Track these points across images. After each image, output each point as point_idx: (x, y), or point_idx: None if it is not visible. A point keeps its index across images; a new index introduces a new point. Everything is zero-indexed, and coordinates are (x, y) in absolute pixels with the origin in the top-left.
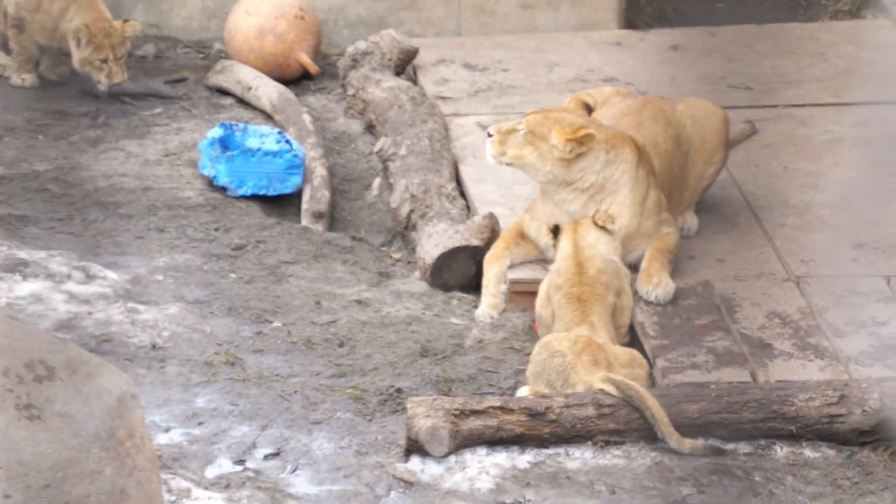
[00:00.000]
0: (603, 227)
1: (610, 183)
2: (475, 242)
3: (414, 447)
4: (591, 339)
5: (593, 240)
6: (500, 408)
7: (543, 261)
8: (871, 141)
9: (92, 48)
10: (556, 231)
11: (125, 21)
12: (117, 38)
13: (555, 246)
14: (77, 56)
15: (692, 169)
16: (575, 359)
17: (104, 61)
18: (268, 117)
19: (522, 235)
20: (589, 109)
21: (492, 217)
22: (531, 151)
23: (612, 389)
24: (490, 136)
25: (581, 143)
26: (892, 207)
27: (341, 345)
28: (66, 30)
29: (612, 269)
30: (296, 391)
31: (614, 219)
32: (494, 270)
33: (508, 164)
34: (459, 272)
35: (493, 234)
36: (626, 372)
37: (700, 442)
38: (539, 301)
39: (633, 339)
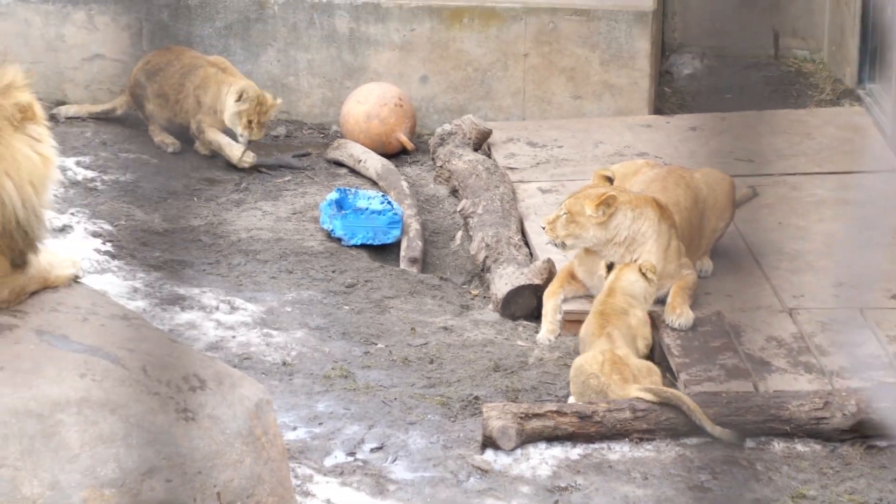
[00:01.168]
0: (644, 275)
1: (639, 235)
2: (536, 281)
3: (488, 442)
4: (614, 353)
5: (633, 279)
6: (556, 412)
7: (589, 296)
8: (848, 202)
9: (246, 106)
10: (610, 267)
11: (275, 97)
12: (265, 106)
13: (607, 277)
14: (230, 110)
15: (707, 223)
16: (607, 379)
17: (251, 121)
18: (374, 184)
19: (573, 276)
20: (609, 181)
21: (549, 262)
22: (575, 227)
23: (649, 396)
24: (543, 228)
25: (609, 205)
26: (864, 254)
27: (431, 362)
28: (223, 93)
29: (635, 303)
30: (395, 398)
31: (656, 270)
32: (551, 304)
33: (564, 244)
34: (524, 305)
35: (550, 274)
36: (646, 380)
37: (728, 430)
38: (583, 327)
39: (661, 357)
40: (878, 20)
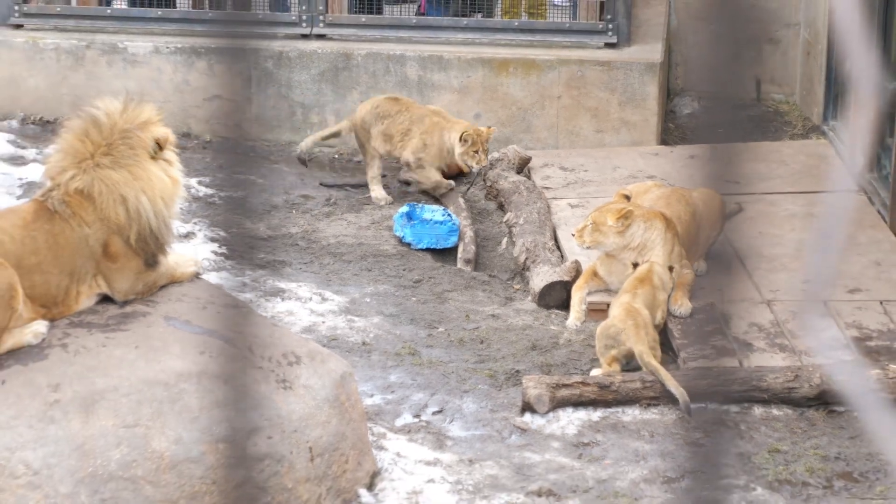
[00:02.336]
0: (671, 270)
1: (649, 242)
2: (566, 278)
3: (527, 407)
4: (632, 305)
5: (661, 271)
6: (581, 382)
7: (609, 291)
8: (815, 215)
9: (469, 144)
10: (635, 265)
11: (489, 127)
12: (483, 136)
13: (633, 272)
14: (458, 150)
15: (702, 233)
16: (622, 324)
17: (476, 152)
18: (436, 200)
19: (595, 274)
20: (627, 198)
21: (576, 262)
22: (599, 235)
23: (656, 367)
24: (573, 235)
25: (626, 218)
26: (826, 256)
27: (481, 342)
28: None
29: (661, 286)
30: (452, 371)
31: (674, 268)
32: (578, 296)
33: (589, 248)
34: (556, 297)
35: (577, 273)
36: (653, 332)
37: (685, 395)
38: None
39: (664, 339)
40: (839, 72)
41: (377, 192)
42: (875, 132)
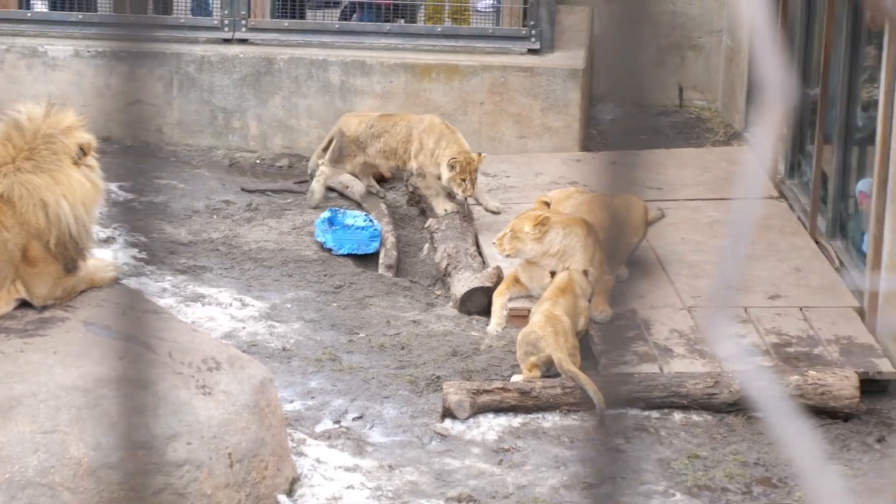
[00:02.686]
0: (585, 275)
1: (569, 249)
2: (487, 284)
3: (447, 413)
4: (552, 312)
5: (580, 278)
6: (502, 388)
7: (530, 297)
8: (725, 221)
9: (457, 171)
10: (553, 274)
11: (480, 154)
12: (473, 164)
13: (551, 282)
14: (445, 176)
15: (624, 239)
16: (542, 331)
17: (464, 180)
18: (358, 205)
19: (517, 280)
20: (547, 205)
21: (498, 268)
22: (517, 242)
23: (574, 372)
24: (494, 244)
25: (543, 225)
26: (747, 264)
27: (402, 348)
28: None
29: (582, 294)
30: (373, 377)
31: (591, 273)
32: (499, 302)
33: (509, 255)
34: (477, 303)
35: (498, 279)
36: (573, 339)
37: (602, 400)
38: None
39: (586, 344)
40: (756, 79)
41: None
42: (781, 137)
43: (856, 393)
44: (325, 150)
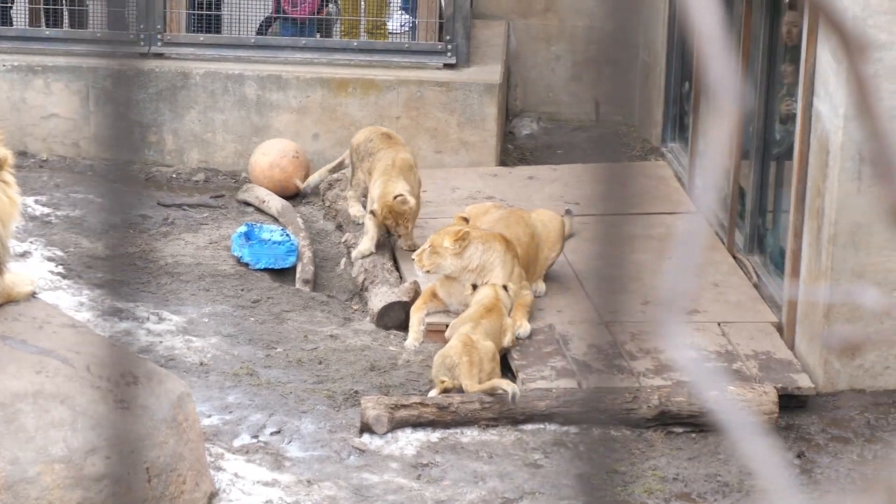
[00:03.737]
0: (506, 290)
1: (488, 264)
2: (405, 299)
3: (365, 428)
4: (470, 338)
5: (503, 293)
6: (420, 403)
7: (447, 312)
8: (654, 236)
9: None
10: (474, 287)
11: (397, 197)
12: (397, 212)
13: (472, 294)
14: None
15: (541, 253)
16: (458, 359)
17: (398, 225)
18: (275, 220)
19: (435, 295)
20: (466, 221)
21: (415, 283)
22: (437, 258)
23: (485, 388)
24: (413, 259)
25: (463, 240)
26: (665, 278)
27: (320, 363)
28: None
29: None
30: (290, 392)
31: (511, 288)
32: (417, 317)
33: (429, 272)
34: (395, 318)
35: (415, 294)
36: (489, 364)
37: (516, 388)
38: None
39: (504, 361)
40: (678, 92)
41: (355, 209)
42: (730, 143)
43: (775, 408)
44: (333, 170)
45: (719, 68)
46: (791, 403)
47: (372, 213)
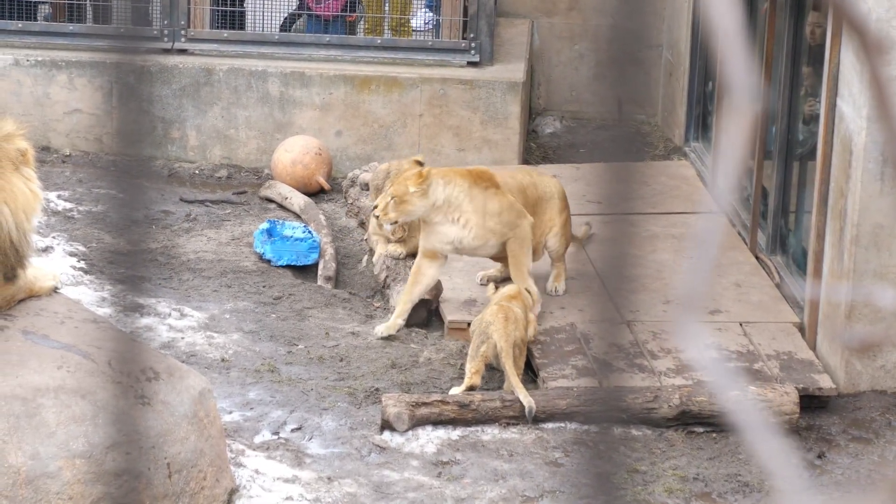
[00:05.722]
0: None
1: (454, 199)
2: (427, 296)
3: (386, 425)
4: (504, 303)
5: (526, 294)
6: (441, 401)
7: (469, 306)
8: (675, 236)
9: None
10: (497, 286)
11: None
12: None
13: (494, 294)
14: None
15: (545, 213)
16: (492, 317)
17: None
18: (297, 217)
19: (419, 271)
20: (420, 164)
21: (437, 280)
22: (404, 205)
23: (510, 371)
24: (377, 217)
25: (426, 179)
26: (685, 277)
27: (341, 360)
28: None
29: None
30: (312, 389)
31: (535, 298)
32: (404, 299)
33: (396, 222)
34: (417, 315)
35: (437, 291)
36: (522, 333)
37: (532, 403)
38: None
39: (525, 359)
40: (701, 92)
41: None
42: (751, 144)
43: (796, 409)
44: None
45: (737, 68)
46: (812, 404)
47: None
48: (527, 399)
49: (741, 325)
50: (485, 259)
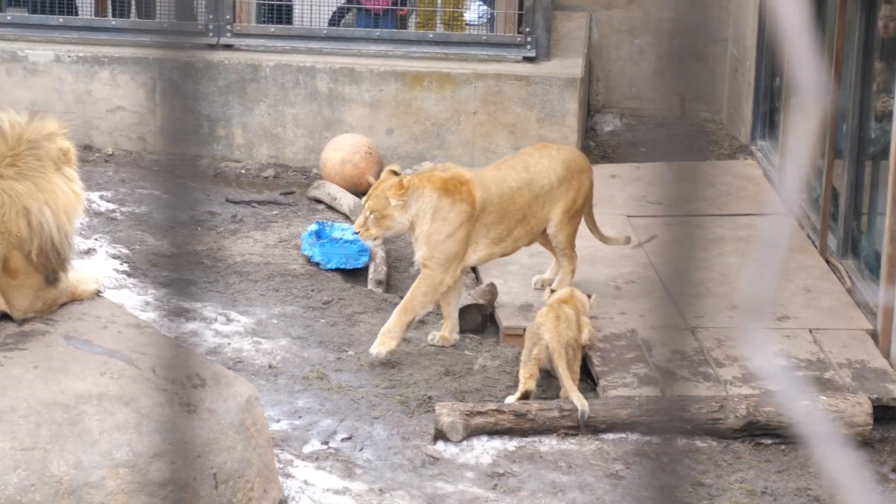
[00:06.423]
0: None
1: (420, 212)
2: (481, 301)
3: (439, 435)
4: (555, 305)
5: (581, 296)
6: (497, 410)
7: (522, 313)
8: (742, 239)
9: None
10: (552, 290)
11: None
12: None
13: (549, 298)
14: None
15: (543, 210)
16: (543, 318)
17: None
18: (347, 218)
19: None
20: (396, 174)
21: (492, 285)
22: (384, 220)
23: (563, 375)
24: (356, 233)
25: (406, 190)
26: (752, 282)
27: (393, 367)
28: None
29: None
30: (362, 397)
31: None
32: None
33: (376, 239)
34: (470, 321)
35: (493, 296)
36: (574, 333)
37: (586, 405)
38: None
39: (584, 367)
40: (768, 88)
41: None
42: (818, 143)
43: (869, 420)
44: None
45: (805, 65)
46: (886, 415)
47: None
48: (580, 401)
49: (811, 331)
50: (540, 262)
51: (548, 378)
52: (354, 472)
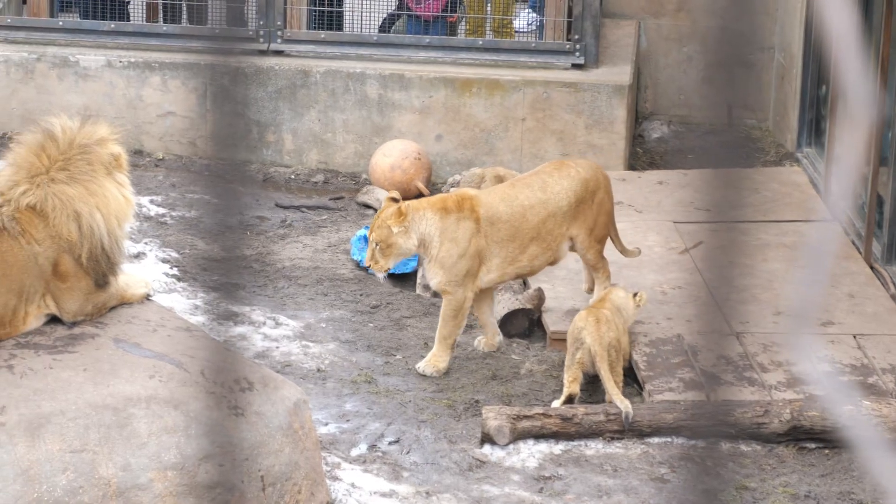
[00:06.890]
0: (635, 296)
1: (427, 235)
2: (528, 306)
3: (486, 439)
4: (594, 307)
5: (622, 295)
6: (543, 414)
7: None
8: (787, 245)
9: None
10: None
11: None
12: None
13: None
14: None
15: (557, 229)
16: (583, 322)
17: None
18: None
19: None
20: (395, 201)
21: (539, 290)
22: (390, 248)
23: (605, 377)
24: (368, 267)
25: (405, 216)
26: (799, 288)
27: None
28: None
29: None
30: (410, 401)
31: (644, 300)
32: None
33: (388, 269)
34: (518, 325)
35: (540, 301)
36: (616, 334)
37: (630, 407)
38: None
39: (630, 370)
40: (814, 95)
41: None
42: (866, 150)
43: None
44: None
45: (852, 73)
46: None
47: None
48: (623, 403)
49: (855, 337)
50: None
51: (594, 382)
52: (401, 474)
